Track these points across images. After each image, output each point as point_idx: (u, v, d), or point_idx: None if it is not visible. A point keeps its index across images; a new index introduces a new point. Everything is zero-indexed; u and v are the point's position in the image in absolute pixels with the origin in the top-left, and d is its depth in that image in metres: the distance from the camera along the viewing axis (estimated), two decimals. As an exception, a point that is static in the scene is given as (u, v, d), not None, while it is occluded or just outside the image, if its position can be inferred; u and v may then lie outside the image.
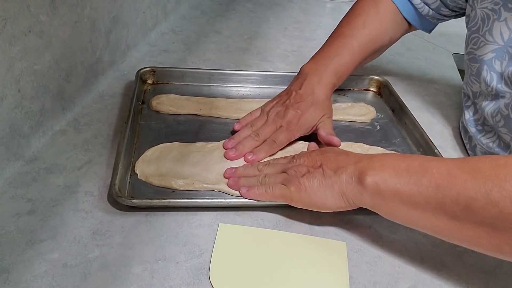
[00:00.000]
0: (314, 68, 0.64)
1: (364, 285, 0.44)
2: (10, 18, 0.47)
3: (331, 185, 0.46)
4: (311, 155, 0.50)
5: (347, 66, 0.65)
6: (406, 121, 0.68)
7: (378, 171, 0.43)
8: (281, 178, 0.50)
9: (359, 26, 0.67)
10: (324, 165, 0.48)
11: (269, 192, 0.49)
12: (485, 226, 0.37)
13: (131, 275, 0.42)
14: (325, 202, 0.47)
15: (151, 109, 0.65)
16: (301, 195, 0.48)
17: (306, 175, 0.48)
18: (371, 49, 0.68)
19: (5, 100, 0.49)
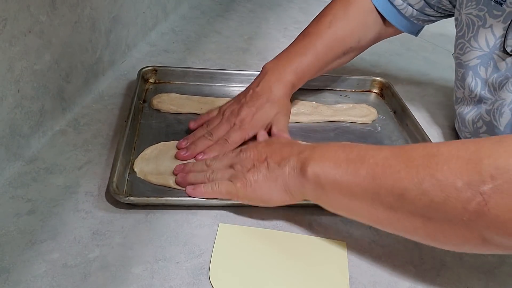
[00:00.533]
0: (275, 67, 0.62)
1: (364, 285, 0.44)
2: (10, 18, 0.47)
3: (275, 179, 0.46)
4: (257, 148, 0.49)
5: (309, 66, 0.63)
6: (407, 123, 0.68)
7: (318, 162, 0.43)
8: (228, 174, 0.49)
9: (325, 26, 0.65)
10: (269, 158, 0.47)
11: (215, 189, 0.48)
12: (420, 216, 0.37)
13: (131, 275, 0.42)
14: (270, 196, 0.46)
15: (152, 108, 0.66)
16: (247, 191, 0.47)
17: (252, 169, 0.47)
18: (337, 50, 0.65)
19: (5, 100, 0.49)
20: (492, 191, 0.33)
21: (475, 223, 0.34)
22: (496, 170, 0.33)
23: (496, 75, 0.57)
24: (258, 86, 0.61)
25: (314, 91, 0.76)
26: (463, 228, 0.35)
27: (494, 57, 0.57)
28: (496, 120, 0.55)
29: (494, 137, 0.37)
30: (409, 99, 0.78)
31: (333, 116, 0.69)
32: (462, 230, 0.36)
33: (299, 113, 0.68)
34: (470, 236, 0.36)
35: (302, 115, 0.68)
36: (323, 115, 0.69)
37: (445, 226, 0.36)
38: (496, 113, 0.55)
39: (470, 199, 0.34)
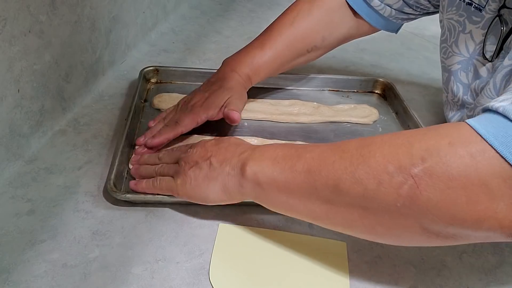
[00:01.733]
0: (232, 59, 0.63)
1: (364, 285, 0.44)
2: (10, 18, 0.47)
3: (215, 178, 0.45)
4: (205, 145, 0.49)
5: (267, 61, 0.63)
6: (409, 124, 0.67)
7: (257, 161, 0.42)
8: (173, 169, 0.49)
9: (287, 23, 0.64)
10: (213, 156, 0.46)
11: (156, 185, 0.48)
12: (356, 207, 0.37)
13: (131, 275, 0.42)
14: (207, 195, 0.46)
15: (153, 107, 0.66)
16: (186, 188, 0.46)
17: (194, 167, 0.46)
18: (299, 47, 0.65)
19: (5, 100, 0.49)
20: (423, 173, 0.33)
21: (409, 209, 0.34)
22: (426, 151, 0.33)
23: (478, 81, 0.57)
24: (212, 78, 0.62)
25: (315, 92, 0.76)
26: (399, 216, 0.35)
27: (475, 62, 0.57)
28: None
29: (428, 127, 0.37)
30: (410, 99, 0.78)
31: (334, 117, 0.69)
32: (399, 219, 0.35)
33: (299, 113, 0.68)
34: (408, 224, 0.35)
35: (303, 115, 0.68)
36: (324, 115, 0.69)
37: (382, 216, 0.36)
38: None
39: (402, 183, 0.33)
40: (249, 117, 0.66)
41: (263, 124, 0.66)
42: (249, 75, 0.62)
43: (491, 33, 0.54)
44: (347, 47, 0.97)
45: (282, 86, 0.75)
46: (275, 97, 0.72)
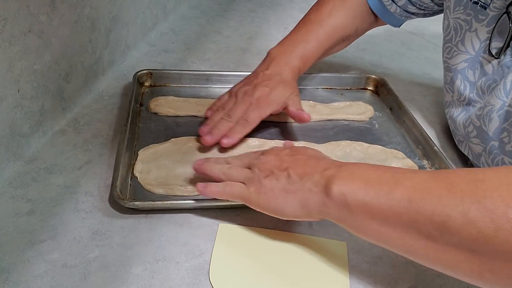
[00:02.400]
0: (281, 52, 0.64)
1: (364, 285, 0.44)
2: (10, 18, 0.47)
3: (294, 192, 0.42)
4: (280, 154, 0.47)
5: (313, 52, 0.66)
6: (404, 119, 0.68)
7: (346, 181, 0.39)
8: (244, 174, 0.46)
9: (325, 14, 0.68)
10: (291, 168, 0.44)
11: (227, 190, 0.46)
12: (463, 248, 0.33)
13: (131, 275, 0.42)
14: (283, 209, 0.43)
15: (150, 111, 0.65)
16: (260, 198, 0.44)
17: (270, 176, 0.44)
18: (337, 37, 0.69)
19: (5, 100, 0.49)
20: None
21: None
22: None
23: (485, 78, 0.57)
24: (268, 70, 0.62)
25: (310, 90, 0.76)
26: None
27: (481, 60, 0.57)
28: (486, 126, 0.55)
29: None
30: (410, 99, 0.78)
31: (331, 115, 0.69)
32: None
33: None
34: None
35: None
36: (321, 113, 0.69)
37: (493, 263, 0.32)
38: (486, 118, 0.55)
39: None
40: None
41: (262, 124, 0.65)
42: (299, 68, 0.65)
43: (497, 30, 0.54)
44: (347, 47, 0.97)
45: None
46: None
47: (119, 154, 0.53)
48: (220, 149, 0.58)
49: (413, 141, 0.65)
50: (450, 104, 0.64)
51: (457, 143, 0.64)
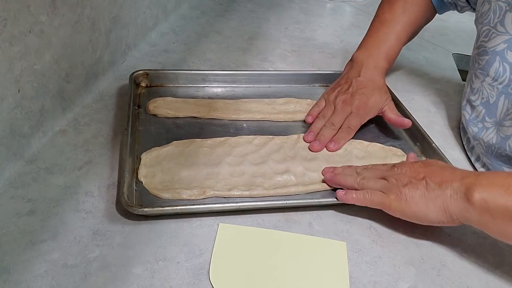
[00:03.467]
0: (367, 55, 0.69)
1: (364, 285, 0.44)
2: (10, 18, 0.47)
3: (434, 199, 0.46)
4: (413, 166, 0.50)
5: (395, 50, 0.72)
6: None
7: (486, 188, 0.43)
8: (380, 184, 0.50)
9: (399, 11, 0.72)
10: (428, 177, 0.47)
11: (367, 198, 0.49)
12: None
13: (131, 275, 0.42)
14: (426, 214, 0.47)
15: (148, 113, 0.64)
16: (401, 205, 0.47)
17: (408, 185, 0.48)
18: (413, 31, 0.74)
19: (5, 100, 0.49)
20: None
21: None
22: None
23: None
24: (360, 76, 0.67)
25: (306, 88, 0.77)
26: None
27: None
28: None
29: None
30: (409, 99, 0.78)
31: None
32: None
33: (295, 111, 0.69)
34: None
35: (299, 113, 0.69)
36: None
37: None
38: None
39: None
40: (248, 118, 0.66)
41: (262, 124, 0.66)
42: (386, 68, 0.70)
43: None
44: (347, 47, 0.97)
45: (273, 84, 0.75)
46: (269, 95, 0.73)
47: (122, 159, 0.52)
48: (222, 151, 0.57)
49: (410, 138, 0.66)
50: (478, 91, 0.63)
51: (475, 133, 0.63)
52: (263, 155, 0.58)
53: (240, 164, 0.56)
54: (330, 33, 1.05)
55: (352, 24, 1.12)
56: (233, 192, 0.51)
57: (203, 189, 0.51)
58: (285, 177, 0.55)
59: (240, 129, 0.64)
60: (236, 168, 0.55)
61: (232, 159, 0.56)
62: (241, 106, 0.68)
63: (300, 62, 0.89)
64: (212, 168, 0.54)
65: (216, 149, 0.58)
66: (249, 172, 0.55)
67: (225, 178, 0.53)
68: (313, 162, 0.58)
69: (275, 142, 0.61)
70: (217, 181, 0.53)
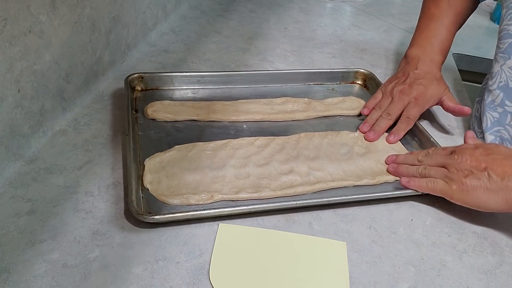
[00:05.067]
0: (422, 52, 0.70)
1: (364, 285, 0.44)
2: (10, 18, 0.47)
3: (497, 191, 0.47)
4: (474, 154, 0.51)
5: (448, 43, 0.73)
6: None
7: None
8: (442, 173, 0.51)
9: (445, 5, 0.74)
10: (490, 168, 0.48)
11: (430, 186, 0.51)
12: None
13: (131, 275, 0.42)
14: (487, 205, 0.48)
15: (147, 117, 0.63)
16: (463, 195, 0.49)
17: (470, 176, 0.49)
18: (460, 22, 0.75)
19: (5, 100, 0.49)
20: None
21: None
22: None
23: None
24: (417, 69, 0.68)
25: (302, 87, 0.77)
26: None
27: None
28: None
29: None
30: (409, 99, 0.78)
31: (326, 111, 0.70)
32: None
33: (293, 110, 0.69)
34: None
35: (297, 112, 0.69)
36: (317, 110, 0.70)
37: None
38: None
39: None
40: (247, 119, 0.66)
41: (262, 125, 0.66)
42: (442, 61, 0.72)
43: None
44: (347, 47, 0.97)
45: (269, 84, 0.76)
46: (266, 95, 0.73)
47: (127, 166, 0.51)
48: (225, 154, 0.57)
49: (408, 133, 0.66)
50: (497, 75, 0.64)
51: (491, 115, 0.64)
52: (266, 156, 0.58)
53: (244, 166, 0.55)
54: (330, 33, 1.05)
55: (352, 24, 1.12)
56: (241, 194, 0.51)
57: (210, 193, 0.50)
58: (290, 177, 0.55)
59: (241, 131, 0.64)
60: (241, 170, 0.55)
61: (236, 162, 0.56)
62: (240, 107, 0.68)
63: (300, 62, 0.89)
64: (217, 172, 0.54)
65: (219, 152, 0.57)
66: (254, 173, 0.55)
67: (231, 181, 0.53)
68: (316, 161, 0.58)
69: (276, 142, 0.61)
70: (224, 185, 0.52)
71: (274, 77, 0.76)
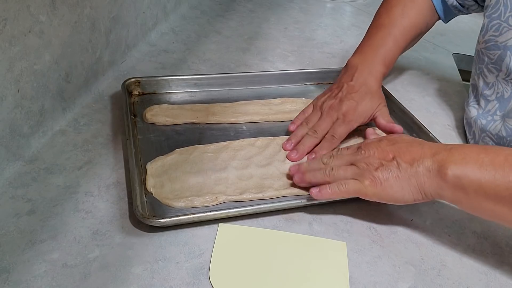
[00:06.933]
0: (363, 60, 0.65)
1: (364, 285, 0.44)
2: (10, 18, 0.47)
3: (408, 178, 0.45)
4: (380, 146, 0.49)
5: (393, 55, 0.68)
6: (394, 109, 0.70)
7: (459, 165, 0.43)
8: (351, 171, 0.49)
9: (398, 15, 0.69)
10: (398, 157, 0.47)
11: (342, 189, 0.48)
12: None
13: (131, 275, 0.42)
14: (403, 195, 0.46)
15: (146, 121, 0.63)
16: (377, 189, 0.47)
17: (380, 168, 0.47)
18: (412, 36, 0.71)
19: (5, 100, 0.49)
20: None
21: None
22: None
23: None
24: (352, 81, 0.63)
25: (299, 87, 0.77)
26: None
27: None
28: None
29: None
30: (409, 99, 0.78)
31: None
32: None
33: (292, 110, 0.69)
34: None
35: (296, 112, 0.68)
36: None
37: None
38: None
39: None
40: (246, 120, 0.66)
41: (261, 126, 0.66)
42: (383, 73, 0.66)
43: None
44: (347, 48, 0.97)
45: (266, 85, 0.75)
46: (263, 96, 0.72)
47: (129, 170, 0.51)
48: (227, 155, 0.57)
49: (406, 129, 0.66)
50: (494, 85, 0.63)
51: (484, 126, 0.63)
52: (267, 156, 0.58)
53: (246, 167, 0.55)
54: (330, 33, 1.05)
55: (352, 24, 1.12)
56: (245, 195, 0.51)
57: (214, 195, 0.50)
58: None
59: (240, 132, 0.64)
60: (243, 171, 0.55)
61: (238, 163, 0.56)
62: (239, 109, 0.68)
63: (300, 62, 0.89)
64: (220, 173, 0.54)
65: (220, 154, 0.57)
66: (257, 174, 0.55)
67: (235, 182, 0.53)
68: None
69: (276, 142, 0.61)
70: (227, 186, 0.52)
71: (271, 78, 0.76)
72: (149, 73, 0.76)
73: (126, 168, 0.54)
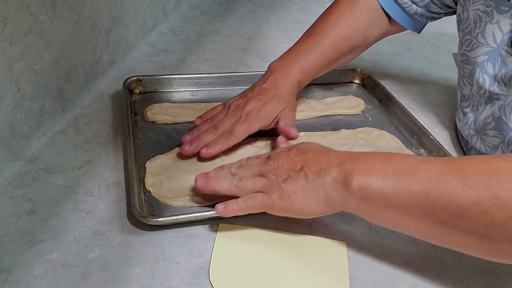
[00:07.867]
0: (281, 65, 0.62)
1: (364, 285, 0.44)
2: (10, 18, 0.47)
3: (315, 190, 0.43)
4: (289, 155, 0.47)
5: (315, 64, 0.64)
6: (395, 110, 0.70)
7: (364, 175, 0.41)
8: (260, 183, 0.46)
9: (331, 24, 0.65)
10: (306, 167, 0.44)
11: (249, 204, 0.45)
12: (476, 233, 0.37)
13: (131, 275, 0.42)
14: (310, 208, 0.44)
15: (146, 120, 0.63)
16: (284, 203, 0.44)
17: (288, 179, 0.44)
18: (343, 48, 0.66)
19: (5, 100, 0.49)
20: None
21: None
22: None
23: (505, 70, 0.56)
24: (265, 83, 0.60)
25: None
26: None
27: (502, 52, 0.57)
28: (506, 116, 0.55)
29: None
30: (410, 99, 0.78)
31: (325, 111, 0.70)
32: None
33: None
34: None
35: (297, 112, 0.68)
36: (316, 110, 0.70)
37: (503, 245, 0.36)
38: (507, 108, 0.55)
39: None
40: None
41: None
42: (299, 80, 0.62)
43: None
44: (347, 47, 0.97)
45: None
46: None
47: (128, 169, 0.51)
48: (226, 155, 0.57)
49: (407, 131, 0.67)
50: (469, 98, 0.63)
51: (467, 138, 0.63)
52: None
53: None
54: (330, 33, 1.05)
55: (352, 24, 1.12)
56: None
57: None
58: None
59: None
60: None
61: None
62: None
63: (300, 62, 0.88)
64: None
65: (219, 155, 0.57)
66: None
67: None
68: None
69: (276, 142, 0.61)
70: None
71: None
72: (149, 73, 0.76)
73: (125, 167, 0.54)
